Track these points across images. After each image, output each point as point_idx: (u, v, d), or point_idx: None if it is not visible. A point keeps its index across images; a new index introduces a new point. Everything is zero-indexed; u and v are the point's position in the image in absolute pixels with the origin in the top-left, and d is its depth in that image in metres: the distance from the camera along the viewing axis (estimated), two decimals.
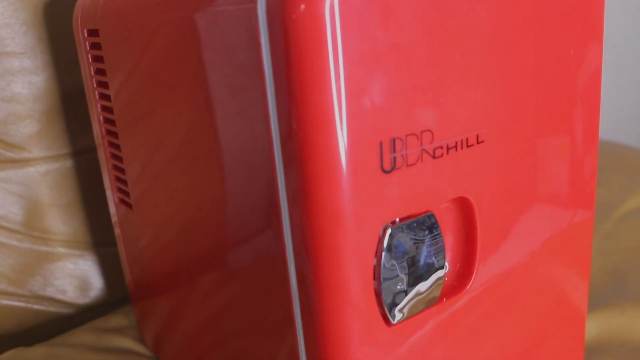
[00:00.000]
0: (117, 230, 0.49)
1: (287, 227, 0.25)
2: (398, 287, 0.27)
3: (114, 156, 0.43)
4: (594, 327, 0.47)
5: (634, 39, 1.35)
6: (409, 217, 0.27)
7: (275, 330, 0.29)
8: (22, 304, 0.55)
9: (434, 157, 0.26)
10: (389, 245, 0.26)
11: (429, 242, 0.27)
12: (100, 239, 0.58)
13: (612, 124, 1.35)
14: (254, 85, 0.25)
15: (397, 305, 0.27)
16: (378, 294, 0.27)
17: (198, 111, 0.30)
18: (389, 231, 0.26)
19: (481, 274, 0.30)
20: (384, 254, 0.26)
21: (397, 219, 0.26)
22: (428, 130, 0.26)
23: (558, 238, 0.35)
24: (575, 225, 0.36)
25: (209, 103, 0.28)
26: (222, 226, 0.31)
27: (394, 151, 0.25)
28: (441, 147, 0.26)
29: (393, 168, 0.25)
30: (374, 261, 0.26)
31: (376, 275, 0.26)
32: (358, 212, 0.25)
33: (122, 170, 0.43)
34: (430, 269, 0.28)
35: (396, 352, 0.28)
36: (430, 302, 0.28)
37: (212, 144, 0.29)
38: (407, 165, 0.25)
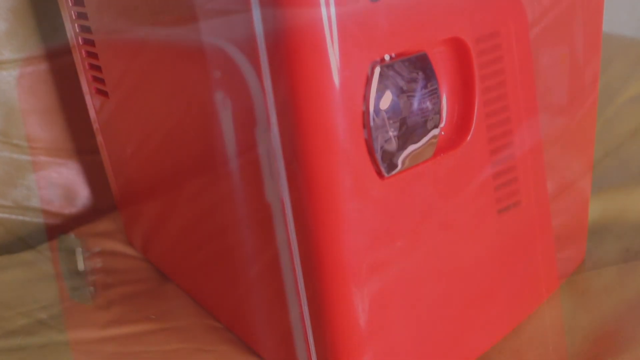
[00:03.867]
0: (99, 138, 0.47)
1: (266, 66, 0.23)
2: (390, 135, 0.25)
3: (92, 61, 0.41)
4: (598, 208, 0.45)
5: None
6: (400, 55, 0.24)
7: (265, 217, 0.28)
8: (6, 215, 0.54)
9: None
10: (378, 86, 0.24)
11: (422, 85, 0.25)
12: (83, 146, 0.56)
13: (611, 17, 1.32)
14: None
15: (390, 157, 0.25)
16: (369, 145, 0.25)
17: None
18: (377, 69, 0.23)
19: (479, 132, 0.28)
20: (373, 96, 0.24)
21: (387, 57, 0.24)
22: None
23: (560, 117, 0.33)
24: (578, 106, 0.34)
25: None
26: (211, 118, 0.29)
27: None
28: None
29: None
30: (362, 106, 0.24)
31: (365, 122, 0.24)
32: (344, 45, 0.22)
33: (100, 72, 0.40)
34: (425, 117, 0.26)
35: (389, 207, 0.26)
36: (425, 155, 0.26)
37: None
38: None
